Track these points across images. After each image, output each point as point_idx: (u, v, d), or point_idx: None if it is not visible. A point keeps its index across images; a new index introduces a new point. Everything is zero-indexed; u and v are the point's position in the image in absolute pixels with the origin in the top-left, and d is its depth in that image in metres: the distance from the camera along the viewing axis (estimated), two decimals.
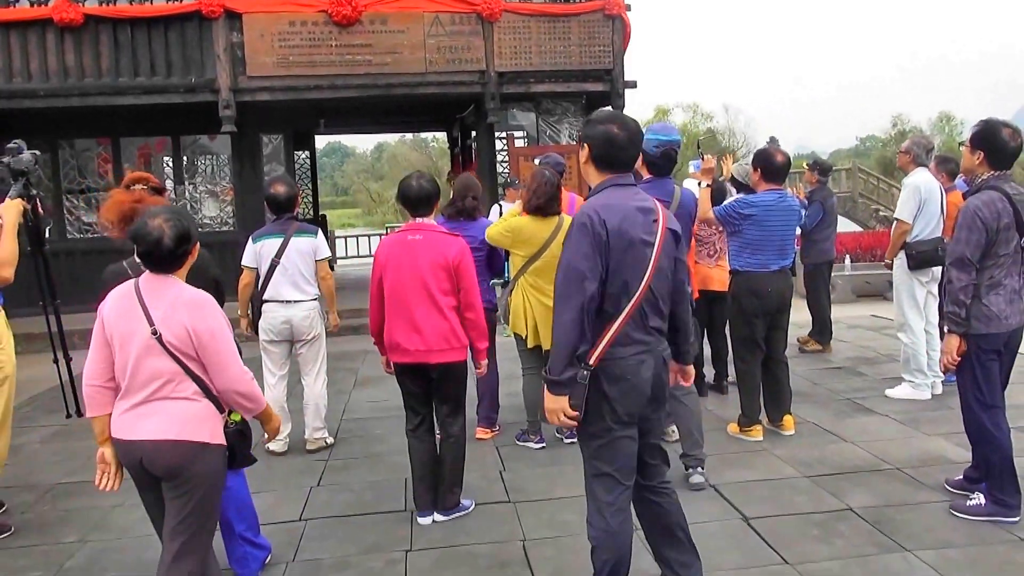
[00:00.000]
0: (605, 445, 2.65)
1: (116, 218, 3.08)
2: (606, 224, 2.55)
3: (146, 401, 2.50)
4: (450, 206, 4.89)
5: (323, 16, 9.64)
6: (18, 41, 9.32)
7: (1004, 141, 3.63)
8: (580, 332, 2.53)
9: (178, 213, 2.59)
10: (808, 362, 6.91)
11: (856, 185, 22.24)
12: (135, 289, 2.54)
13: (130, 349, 2.49)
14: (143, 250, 2.52)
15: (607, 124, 2.69)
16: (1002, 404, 3.74)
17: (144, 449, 2.49)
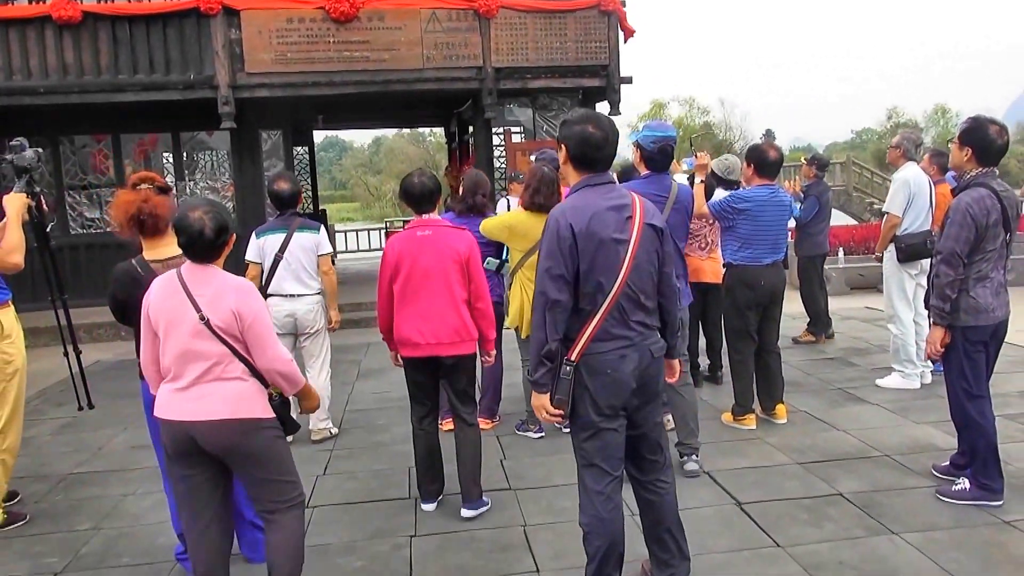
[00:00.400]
0: (591, 437, 2.75)
1: (124, 218, 3.15)
2: (572, 227, 2.62)
3: (196, 383, 2.64)
4: (460, 203, 4.99)
5: (321, 13, 9.69)
6: (17, 39, 9.36)
7: (992, 138, 3.72)
8: (544, 332, 2.63)
9: (215, 205, 2.74)
10: (802, 353, 7.04)
11: (850, 179, 22.38)
12: (179, 279, 2.67)
13: (178, 335, 2.63)
14: (184, 241, 2.66)
15: (583, 124, 2.74)
16: (987, 393, 3.85)
17: (198, 429, 2.62)
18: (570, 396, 2.69)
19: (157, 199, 3.17)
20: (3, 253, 3.72)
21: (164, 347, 2.68)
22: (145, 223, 3.13)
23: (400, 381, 4.11)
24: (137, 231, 3.16)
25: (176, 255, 3.06)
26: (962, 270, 3.68)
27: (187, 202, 2.81)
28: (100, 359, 7.82)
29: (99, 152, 10.74)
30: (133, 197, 3.15)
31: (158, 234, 3.18)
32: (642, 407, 2.81)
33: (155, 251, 3.18)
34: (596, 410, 2.70)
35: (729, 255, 5.04)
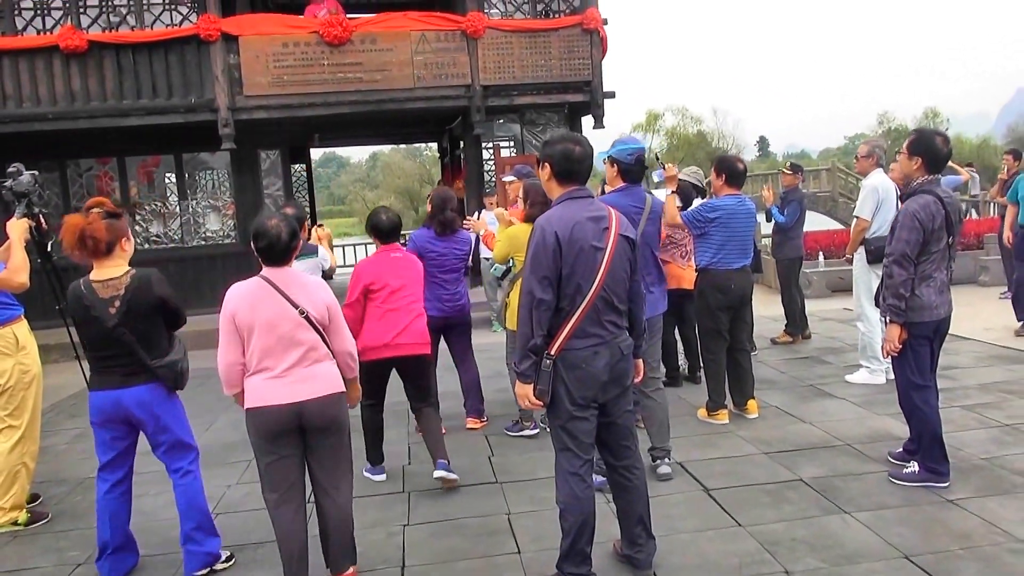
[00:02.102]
0: (566, 424, 3.07)
1: (69, 240, 3.29)
2: (557, 234, 2.95)
3: (293, 368, 3.10)
4: (432, 219, 5.26)
5: (315, 37, 10.09)
6: (27, 68, 9.76)
7: (939, 148, 4.05)
8: (530, 329, 2.97)
9: (286, 215, 3.22)
10: (778, 353, 7.38)
11: (836, 185, 22.76)
12: (267, 282, 3.11)
13: (277, 329, 3.08)
14: (264, 244, 3.10)
15: (564, 143, 3.13)
16: (932, 384, 4.16)
17: (311, 406, 3.11)
18: (550, 387, 3.02)
19: (100, 223, 3.31)
20: (9, 274, 4.02)
21: (255, 345, 3.08)
22: (86, 244, 3.29)
23: (392, 389, 4.48)
24: (81, 251, 3.31)
25: (117, 276, 3.34)
26: (912, 270, 3.99)
27: (263, 213, 3.28)
28: None
29: (104, 174, 11.12)
30: (79, 221, 3.31)
31: (99, 255, 3.35)
32: (614, 399, 3.13)
33: (99, 272, 3.37)
34: (571, 400, 3.03)
35: (701, 260, 5.37)
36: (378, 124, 14.25)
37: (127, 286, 3.34)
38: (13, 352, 4.14)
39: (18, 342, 4.17)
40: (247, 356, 3.11)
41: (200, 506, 3.59)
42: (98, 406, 3.42)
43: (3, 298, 4.15)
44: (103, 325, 3.31)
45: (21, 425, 4.18)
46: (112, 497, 3.50)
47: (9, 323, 4.16)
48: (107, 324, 3.30)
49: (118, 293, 3.33)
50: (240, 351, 3.11)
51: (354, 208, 60.63)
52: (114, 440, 3.49)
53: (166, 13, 10.38)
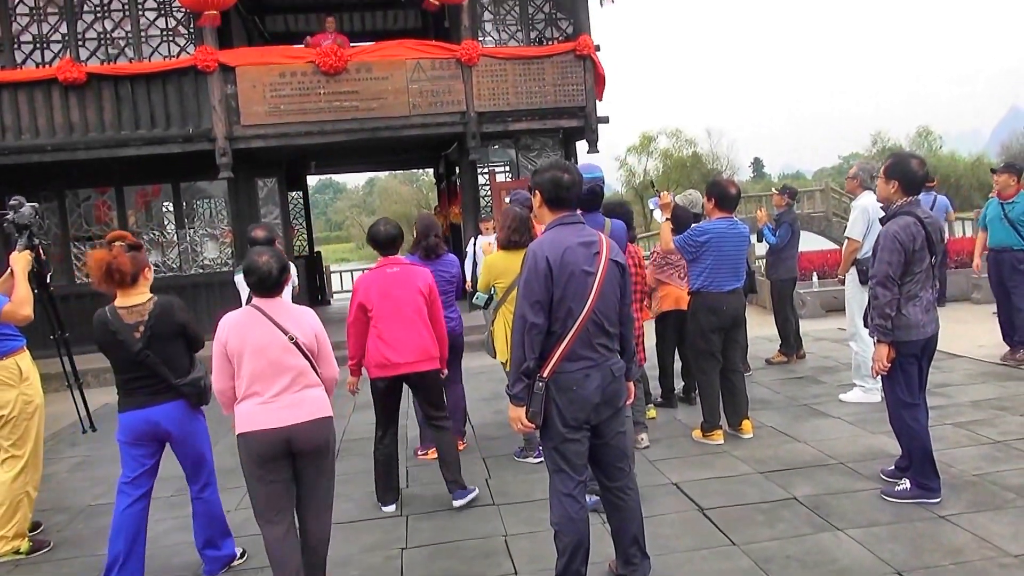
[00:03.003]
0: (558, 446, 3.12)
1: (97, 273, 3.60)
2: (548, 259, 3.02)
3: (285, 392, 3.22)
4: (416, 246, 5.40)
5: (311, 67, 10.25)
6: (26, 100, 9.90)
7: (914, 170, 4.15)
8: (523, 352, 3.04)
9: (276, 250, 3.35)
10: (772, 373, 7.44)
11: (829, 205, 22.95)
12: (258, 311, 3.26)
13: (266, 355, 3.20)
14: (255, 280, 3.27)
15: (552, 171, 3.21)
16: (921, 402, 4.22)
17: (300, 430, 3.21)
18: (543, 409, 3.07)
19: (123, 256, 3.57)
20: (14, 307, 4.10)
21: (245, 370, 3.20)
22: (113, 276, 3.55)
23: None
24: (108, 283, 3.57)
25: (141, 303, 3.60)
26: (896, 290, 4.07)
27: (254, 249, 3.42)
28: (108, 402, 8.09)
29: (103, 204, 11.21)
30: (104, 254, 3.57)
31: (125, 286, 3.60)
32: (607, 420, 3.17)
33: (124, 299, 3.62)
34: (563, 422, 3.08)
35: (694, 283, 5.44)
36: (374, 151, 14.40)
37: (151, 312, 3.59)
38: (16, 383, 4.20)
39: (21, 373, 4.24)
40: (237, 382, 3.24)
41: (218, 515, 3.85)
42: (128, 425, 3.62)
43: (6, 329, 4.21)
44: (129, 349, 3.54)
45: (24, 455, 4.23)
46: (132, 512, 3.65)
47: (12, 354, 4.22)
48: (133, 348, 3.53)
49: (142, 319, 3.57)
50: (231, 377, 3.26)
51: (351, 233, 60.89)
52: (141, 457, 3.67)
53: (164, 45, 10.54)
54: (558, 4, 11.30)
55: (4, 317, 4.09)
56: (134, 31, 10.41)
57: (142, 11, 10.44)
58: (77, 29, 10.31)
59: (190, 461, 3.78)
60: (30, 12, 10.26)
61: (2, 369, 4.16)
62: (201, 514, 3.80)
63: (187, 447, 3.73)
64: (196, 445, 3.76)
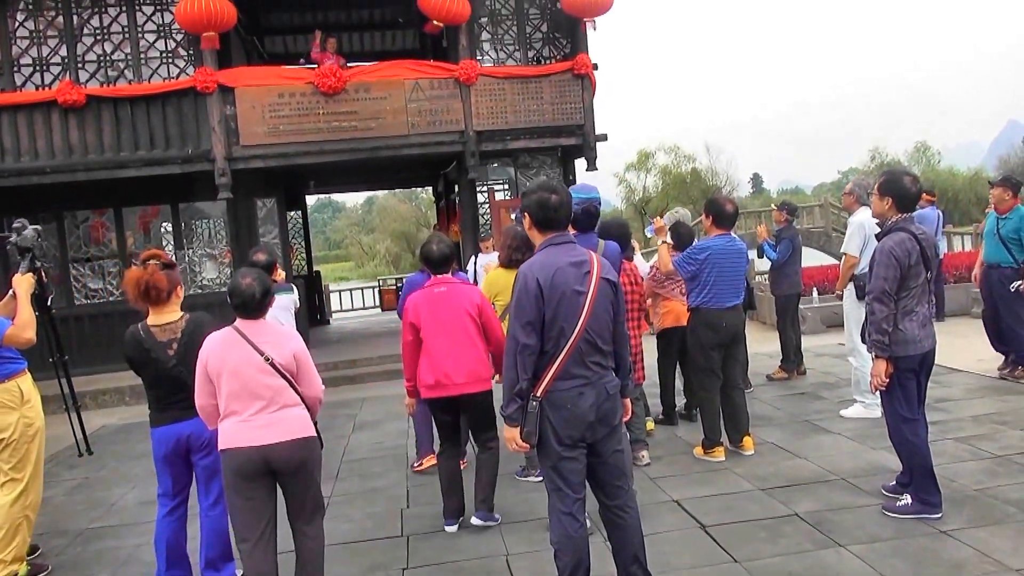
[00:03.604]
0: (555, 464, 3.12)
1: (134, 291, 3.69)
2: (539, 280, 3.03)
3: (262, 412, 3.27)
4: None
5: (310, 87, 10.30)
6: (25, 122, 9.92)
7: (908, 187, 4.19)
8: (515, 373, 3.04)
9: (260, 273, 3.39)
10: (773, 389, 7.43)
11: (828, 220, 23.02)
12: (237, 332, 3.31)
13: (243, 375, 3.25)
14: (239, 302, 3.32)
15: (539, 192, 3.21)
16: (921, 416, 4.23)
17: (275, 449, 3.25)
18: (537, 428, 3.07)
19: (159, 274, 3.67)
20: (17, 330, 4.12)
21: (224, 390, 3.27)
22: (150, 294, 3.65)
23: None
24: (144, 301, 3.68)
25: (173, 320, 3.70)
26: (893, 305, 4.08)
27: (239, 272, 3.43)
28: (106, 423, 8.17)
29: (101, 225, 11.22)
30: (141, 273, 3.67)
31: (160, 303, 3.69)
32: (603, 438, 3.15)
33: (157, 317, 3.71)
34: (558, 440, 3.08)
35: (693, 299, 5.46)
36: (373, 170, 14.46)
37: (183, 329, 3.68)
38: (18, 405, 4.19)
39: (23, 395, 4.23)
40: (218, 400, 3.31)
41: (224, 534, 3.83)
42: (161, 439, 3.70)
43: (7, 352, 4.21)
44: (163, 366, 3.63)
45: (24, 478, 4.21)
46: (170, 520, 3.78)
47: (13, 376, 4.22)
48: (166, 365, 3.63)
49: (175, 336, 3.66)
50: (212, 395, 3.32)
51: (350, 252, 60.94)
52: (175, 469, 3.76)
53: (163, 67, 10.59)
54: (556, 24, 11.38)
55: (6, 340, 4.11)
56: (134, 53, 10.47)
57: (142, 33, 10.51)
58: (77, 52, 10.36)
59: (208, 473, 3.81)
60: (30, 35, 10.32)
61: (3, 392, 4.15)
62: (208, 531, 3.82)
63: (210, 456, 3.77)
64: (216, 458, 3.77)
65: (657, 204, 53.02)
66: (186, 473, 3.81)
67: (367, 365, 10.39)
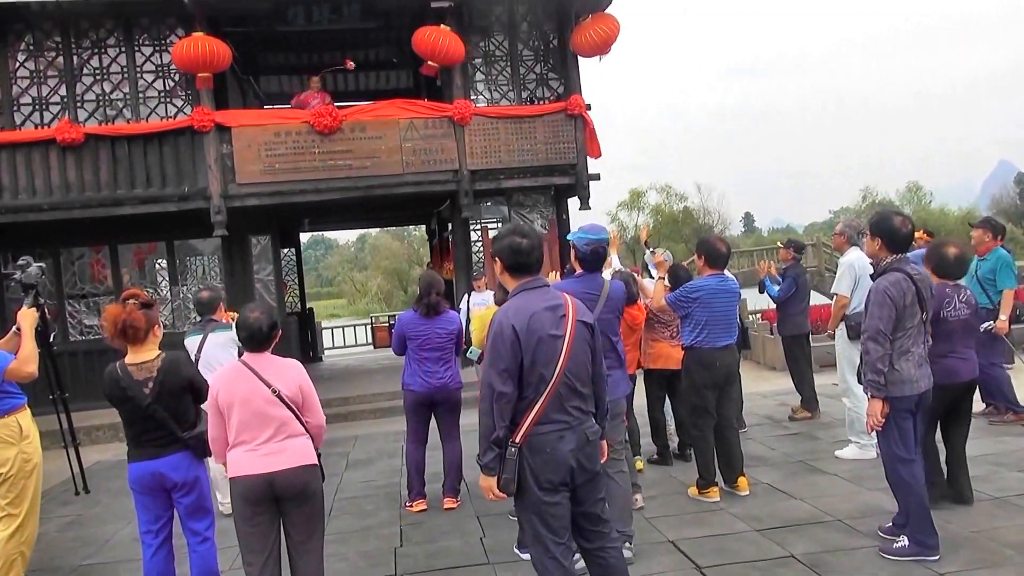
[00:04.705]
0: (536, 511, 3.04)
1: (111, 331, 3.71)
2: (514, 327, 2.99)
3: (270, 441, 3.42)
4: (418, 303, 5.54)
5: (306, 126, 10.39)
6: (23, 160, 9.97)
7: (897, 228, 4.24)
8: (491, 420, 2.99)
9: (268, 307, 3.53)
10: (767, 429, 7.41)
11: (821, 260, 23.18)
12: (245, 366, 3.47)
13: (253, 406, 3.41)
14: (247, 335, 3.49)
15: (510, 236, 3.19)
16: (918, 457, 4.23)
17: (281, 477, 3.40)
18: (516, 476, 3.01)
19: (137, 313, 3.69)
20: (20, 364, 4.16)
21: (233, 420, 3.42)
22: (127, 332, 3.67)
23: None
24: (121, 339, 3.71)
25: (150, 359, 3.72)
26: (888, 345, 4.11)
27: (247, 306, 3.57)
28: (100, 460, 8.09)
29: (97, 262, 11.23)
30: (118, 311, 3.70)
31: (137, 342, 3.71)
32: (584, 485, 3.11)
33: (134, 356, 3.73)
34: (538, 485, 3.01)
35: (686, 339, 5.47)
36: (367, 208, 14.52)
37: (159, 368, 3.71)
38: (16, 441, 4.19)
39: (21, 431, 4.23)
40: (228, 431, 3.44)
41: (213, 571, 3.87)
42: (137, 476, 3.73)
43: (8, 387, 4.22)
44: (139, 404, 3.65)
45: (20, 514, 4.19)
46: (158, 559, 3.80)
47: (13, 412, 4.22)
48: (142, 403, 3.65)
49: (151, 375, 3.68)
50: (223, 426, 3.46)
51: (343, 289, 60.89)
52: (154, 507, 3.79)
53: (161, 106, 10.70)
54: (549, 65, 11.57)
55: (9, 375, 4.13)
56: (132, 93, 10.57)
57: (140, 73, 10.63)
58: (76, 91, 10.46)
59: (191, 509, 3.81)
60: (30, 75, 10.42)
61: (3, 427, 4.15)
62: (197, 566, 3.82)
63: (190, 495, 3.79)
64: (198, 493, 3.83)
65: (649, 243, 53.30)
66: (165, 509, 3.82)
67: (360, 403, 10.34)
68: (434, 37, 10.25)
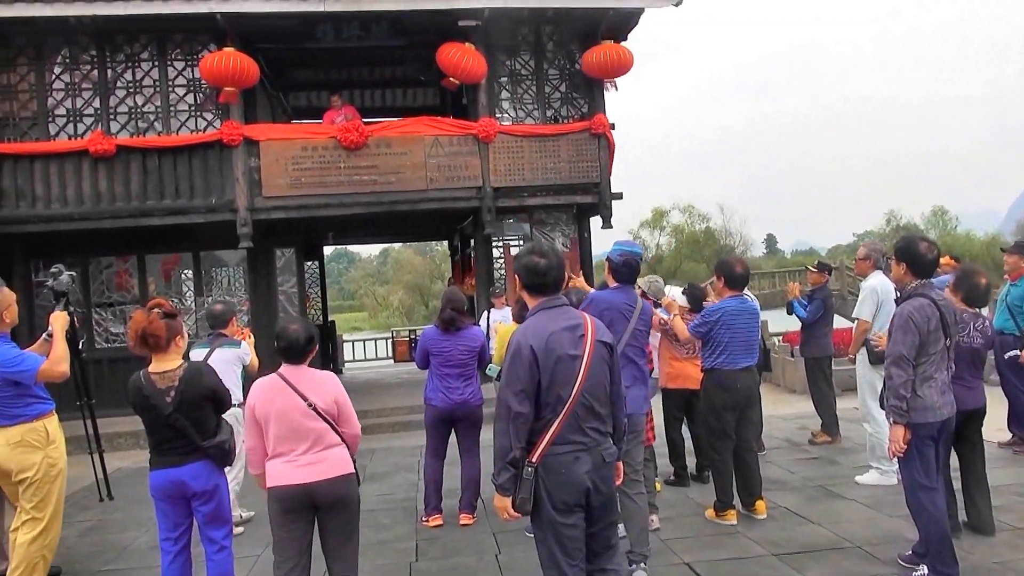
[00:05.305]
0: (550, 531, 3.03)
1: (134, 339, 3.78)
2: (532, 347, 2.99)
3: (307, 452, 3.53)
4: (439, 318, 5.57)
5: (333, 142, 10.55)
6: (56, 170, 10.22)
7: (922, 253, 4.22)
8: (508, 441, 2.98)
9: (305, 322, 3.64)
10: (786, 452, 7.35)
11: (844, 283, 22.98)
12: (281, 378, 3.58)
13: (290, 419, 3.52)
14: (285, 345, 3.61)
15: (528, 256, 3.19)
16: (939, 485, 4.18)
17: (320, 487, 3.52)
18: (531, 496, 2.97)
19: (159, 323, 3.75)
20: (51, 364, 4.25)
21: (271, 432, 3.54)
22: (148, 341, 3.72)
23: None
24: (143, 348, 3.75)
25: (172, 368, 3.74)
26: (911, 371, 4.08)
27: (285, 318, 3.65)
28: (121, 467, 8.18)
29: (124, 271, 11.43)
30: (143, 319, 3.75)
31: (159, 351, 3.77)
32: (599, 507, 3.08)
33: (157, 364, 3.78)
34: (553, 506, 2.99)
35: (706, 361, 5.46)
36: (391, 223, 14.65)
37: (181, 378, 3.74)
38: (43, 446, 4.27)
39: (48, 436, 4.31)
40: (266, 442, 3.56)
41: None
42: (158, 484, 3.77)
43: (39, 391, 4.31)
44: (160, 413, 3.69)
45: (44, 517, 4.25)
46: (176, 566, 3.83)
47: (41, 417, 4.31)
48: (164, 412, 3.68)
49: (173, 384, 3.71)
50: (260, 437, 3.59)
51: (364, 303, 61.18)
52: (174, 515, 3.82)
53: (191, 119, 10.90)
54: (574, 84, 11.65)
55: (41, 375, 4.22)
56: (163, 106, 10.79)
57: (172, 87, 10.85)
58: (109, 104, 10.70)
59: (210, 518, 3.85)
60: (65, 88, 10.68)
61: (31, 431, 4.23)
62: (214, 574, 3.86)
63: (209, 504, 3.83)
64: (217, 503, 3.86)
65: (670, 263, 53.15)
66: (185, 517, 3.85)
67: (379, 416, 10.39)
68: (457, 54, 10.40)
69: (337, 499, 3.57)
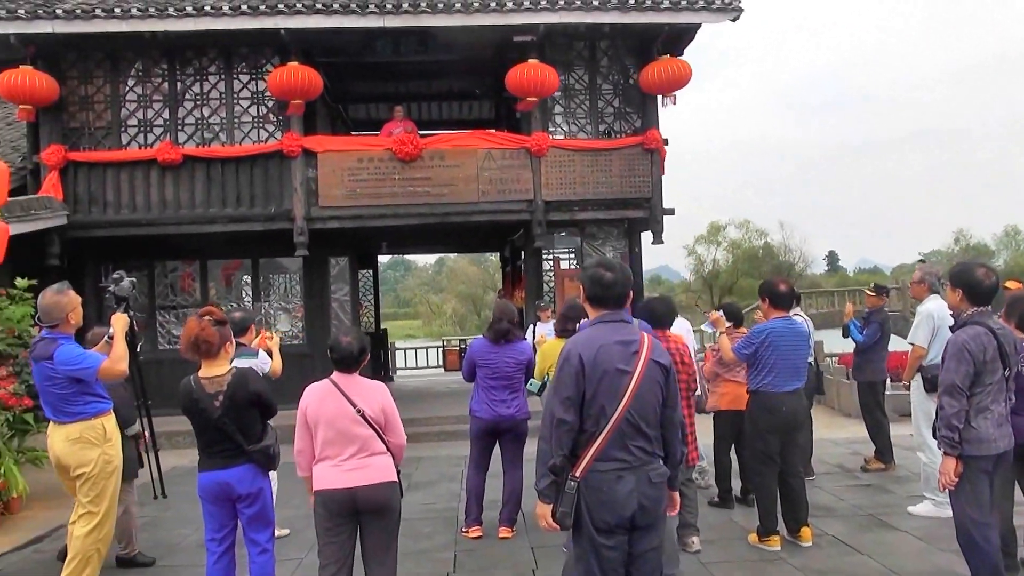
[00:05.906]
0: (590, 549, 2.97)
1: (185, 344, 3.92)
2: (581, 357, 2.98)
3: (353, 457, 3.65)
4: (489, 330, 5.62)
5: (388, 153, 10.77)
6: (127, 178, 10.69)
7: (979, 280, 4.07)
8: (549, 447, 2.98)
9: (358, 332, 3.78)
10: (837, 478, 7.18)
11: (907, 304, 22.31)
12: (334, 385, 3.70)
13: (337, 424, 3.64)
14: (338, 356, 3.73)
15: (595, 268, 3.20)
16: (993, 521, 4.03)
17: (363, 492, 3.63)
18: (572, 510, 2.94)
19: (211, 330, 3.86)
20: (112, 363, 4.45)
21: (319, 436, 3.66)
22: (199, 347, 3.84)
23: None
24: (194, 353, 3.87)
25: (221, 374, 3.85)
26: (964, 401, 3.93)
27: (339, 329, 3.75)
28: (177, 465, 8.41)
29: (187, 275, 11.86)
30: (195, 326, 3.88)
31: (210, 357, 3.88)
32: (642, 530, 3.00)
33: (207, 369, 3.89)
34: (593, 524, 2.94)
35: (752, 383, 5.37)
36: (443, 234, 14.80)
37: (229, 383, 3.85)
38: (100, 443, 4.46)
39: (105, 433, 4.51)
40: (315, 445, 3.67)
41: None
42: (205, 485, 3.91)
43: (97, 390, 4.51)
44: (209, 416, 3.82)
45: (100, 512, 4.43)
46: (220, 567, 3.95)
47: (99, 415, 4.51)
48: (212, 416, 3.81)
49: (221, 389, 3.83)
50: (310, 440, 3.70)
51: (419, 311, 61.81)
52: (220, 516, 3.96)
53: (254, 131, 11.25)
54: (627, 99, 11.64)
55: (102, 373, 4.41)
56: (228, 117, 11.17)
57: (237, 100, 11.22)
58: (178, 115, 11.13)
59: (254, 520, 3.96)
60: (137, 99, 11.15)
61: (89, 428, 4.43)
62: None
63: (253, 507, 3.93)
64: (261, 505, 3.96)
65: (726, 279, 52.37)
66: (230, 518, 3.97)
67: (426, 424, 10.49)
68: (528, 73, 10.39)
69: (378, 505, 3.65)
